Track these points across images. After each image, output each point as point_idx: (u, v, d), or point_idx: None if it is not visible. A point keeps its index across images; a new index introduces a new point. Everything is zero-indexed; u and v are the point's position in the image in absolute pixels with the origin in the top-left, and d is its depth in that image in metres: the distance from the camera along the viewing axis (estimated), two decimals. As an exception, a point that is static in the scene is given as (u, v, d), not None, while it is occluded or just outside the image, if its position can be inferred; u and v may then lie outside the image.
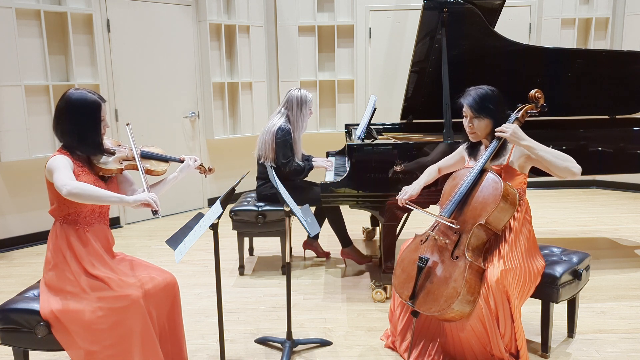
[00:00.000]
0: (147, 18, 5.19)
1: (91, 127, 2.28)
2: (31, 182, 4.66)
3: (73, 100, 2.26)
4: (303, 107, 3.78)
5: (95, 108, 2.28)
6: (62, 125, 2.27)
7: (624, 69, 3.87)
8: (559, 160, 2.39)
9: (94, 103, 2.28)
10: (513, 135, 2.43)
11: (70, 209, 2.27)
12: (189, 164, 2.56)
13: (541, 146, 2.43)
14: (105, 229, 2.41)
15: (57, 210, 2.29)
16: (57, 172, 2.16)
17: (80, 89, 2.32)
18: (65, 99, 2.27)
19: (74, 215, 2.28)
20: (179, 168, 2.57)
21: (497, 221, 2.44)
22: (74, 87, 2.34)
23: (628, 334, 2.88)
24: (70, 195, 2.08)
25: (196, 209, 5.75)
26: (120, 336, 2.12)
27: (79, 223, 2.29)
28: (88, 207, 2.29)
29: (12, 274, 4.02)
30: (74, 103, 2.25)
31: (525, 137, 2.44)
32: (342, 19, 6.02)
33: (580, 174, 2.40)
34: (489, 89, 2.60)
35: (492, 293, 2.33)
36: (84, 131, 2.27)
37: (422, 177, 2.86)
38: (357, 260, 3.91)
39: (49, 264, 2.26)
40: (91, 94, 2.30)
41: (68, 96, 2.27)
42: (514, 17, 5.87)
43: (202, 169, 2.65)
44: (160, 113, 5.38)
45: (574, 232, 4.69)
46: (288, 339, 2.74)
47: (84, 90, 2.30)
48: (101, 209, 2.37)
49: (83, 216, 2.29)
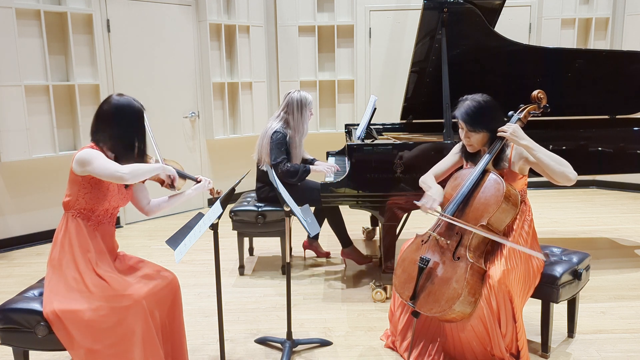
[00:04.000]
0: (147, 18, 5.19)
1: (135, 134, 2.32)
2: (31, 182, 4.66)
3: (121, 106, 2.29)
4: (303, 110, 3.73)
5: (140, 115, 2.34)
6: (108, 128, 2.28)
7: (624, 69, 3.87)
8: (556, 164, 2.39)
9: (139, 110, 2.34)
10: (513, 135, 2.42)
11: (87, 204, 2.28)
12: (204, 186, 2.58)
13: (540, 148, 2.43)
14: (112, 230, 2.43)
15: (73, 203, 2.29)
16: (98, 160, 2.17)
17: (124, 94, 2.35)
18: (112, 103, 2.29)
19: (88, 212, 2.29)
20: (195, 187, 2.59)
21: (498, 222, 2.44)
22: (117, 93, 2.36)
23: (628, 334, 2.88)
24: (133, 177, 2.17)
25: (196, 209, 5.75)
26: (122, 335, 2.12)
27: (91, 220, 2.30)
28: (104, 206, 2.31)
29: (12, 274, 4.02)
30: (122, 108, 2.29)
31: (525, 136, 2.44)
32: (342, 19, 6.02)
33: (575, 180, 2.40)
34: (483, 100, 2.54)
35: (494, 293, 2.33)
36: (127, 137, 2.30)
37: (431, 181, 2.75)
38: (357, 260, 3.91)
39: (54, 260, 2.26)
40: (135, 101, 2.34)
41: (115, 101, 2.30)
42: (514, 17, 5.87)
43: (212, 191, 2.67)
44: (160, 113, 5.38)
45: (574, 232, 4.69)
46: (288, 339, 2.74)
47: (130, 97, 2.34)
48: (114, 211, 2.39)
49: (97, 214, 2.31)
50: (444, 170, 2.81)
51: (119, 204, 2.39)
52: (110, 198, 2.32)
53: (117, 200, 2.37)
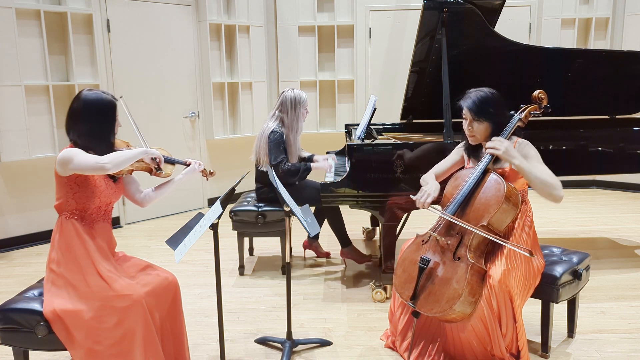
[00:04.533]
0: (147, 18, 5.19)
1: (107, 127, 2.31)
2: (31, 182, 4.66)
3: (89, 101, 2.27)
4: (297, 108, 3.73)
5: (110, 107, 2.32)
6: (79, 125, 2.27)
7: (624, 69, 3.87)
8: (544, 187, 2.39)
9: (109, 103, 2.31)
10: (506, 154, 2.40)
11: (78, 204, 2.27)
12: (194, 168, 2.61)
13: (531, 169, 2.40)
14: (109, 228, 2.42)
15: (64, 205, 2.28)
16: (77, 156, 2.17)
17: (93, 89, 2.33)
18: (80, 100, 2.27)
19: (81, 212, 2.29)
20: (185, 171, 2.61)
21: (499, 222, 2.44)
22: (87, 88, 2.34)
23: (628, 334, 2.88)
24: (114, 165, 2.16)
25: (196, 209, 5.75)
26: (122, 335, 2.12)
27: (84, 219, 2.30)
28: (95, 203, 2.30)
29: (12, 274, 4.02)
30: (90, 103, 2.27)
31: (517, 156, 2.42)
32: (342, 19, 6.02)
33: (560, 202, 2.44)
34: (490, 91, 2.57)
35: (494, 293, 2.33)
36: (100, 131, 2.29)
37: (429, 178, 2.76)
38: (356, 260, 3.91)
39: (53, 262, 2.26)
40: (105, 94, 2.32)
41: (84, 97, 2.28)
42: (514, 17, 5.87)
43: (205, 172, 2.70)
44: (160, 113, 5.38)
45: (574, 232, 4.69)
46: (288, 339, 2.74)
47: (98, 91, 2.32)
48: (107, 207, 2.39)
49: (90, 212, 2.31)
50: (445, 170, 2.81)
51: (111, 200, 2.38)
52: (100, 194, 2.31)
53: (108, 196, 2.36)
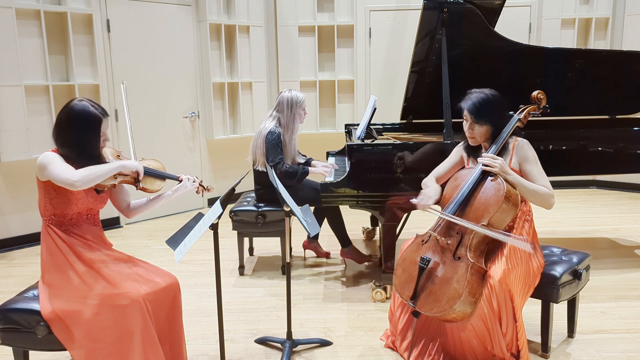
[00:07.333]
0: (147, 18, 5.19)
1: (91, 141, 2.26)
2: (31, 182, 4.63)
3: (75, 113, 2.23)
4: (294, 109, 3.72)
5: (95, 122, 2.25)
6: (62, 136, 2.24)
7: (624, 69, 3.87)
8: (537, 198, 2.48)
9: (95, 117, 2.25)
10: (501, 170, 2.45)
11: (55, 209, 2.25)
12: (185, 186, 2.51)
13: (524, 184, 2.47)
14: (98, 230, 2.39)
15: (43, 210, 2.27)
16: (53, 165, 2.14)
17: (84, 100, 2.28)
18: (67, 111, 2.24)
19: (59, 217, 2.26)
20: (174, 188, 2.52)
21: (499, 222, 2.44)
22: (78, 98, 2.30)
23: (628, 334, 2.88)
24: (84, 183, 2.10)
25: (196, 209, 5.75)
26: (121, 334, 2.12)
27: (63, 225, 2.27)
28: (74, 210, 2.27)
29: (12, 274, 4.02)
30: (76, 116, 2.23)
31: (511, 172, 2.48)
32: (342, 19, 6.02)
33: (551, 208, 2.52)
34: (490, 93, 2.57)
35: (495, 293, 2.33)
36: (83, 144, 2.25)
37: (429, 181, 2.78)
38: (356, 260, 3.91)
39: (44, 264, 2.25)
40: (94, 107, 2.26)
41: (70, 108, 2.24)
42: (514, 17, 5.86)
43: (199, 190, 2.60)
44: (160, 113, 5.38)
45: (574, 232, 4.69)
46: (288, 339, 2.74)
47: (87, 103, 2.27)
48: (90, 212, 2.35)
49: (69, 218, 2.28)
50: (445, 172, 2.81)
51: (93, 207, 2.34)
52: (77, 202, 2.26)
53: (88, 204, 2.31)
